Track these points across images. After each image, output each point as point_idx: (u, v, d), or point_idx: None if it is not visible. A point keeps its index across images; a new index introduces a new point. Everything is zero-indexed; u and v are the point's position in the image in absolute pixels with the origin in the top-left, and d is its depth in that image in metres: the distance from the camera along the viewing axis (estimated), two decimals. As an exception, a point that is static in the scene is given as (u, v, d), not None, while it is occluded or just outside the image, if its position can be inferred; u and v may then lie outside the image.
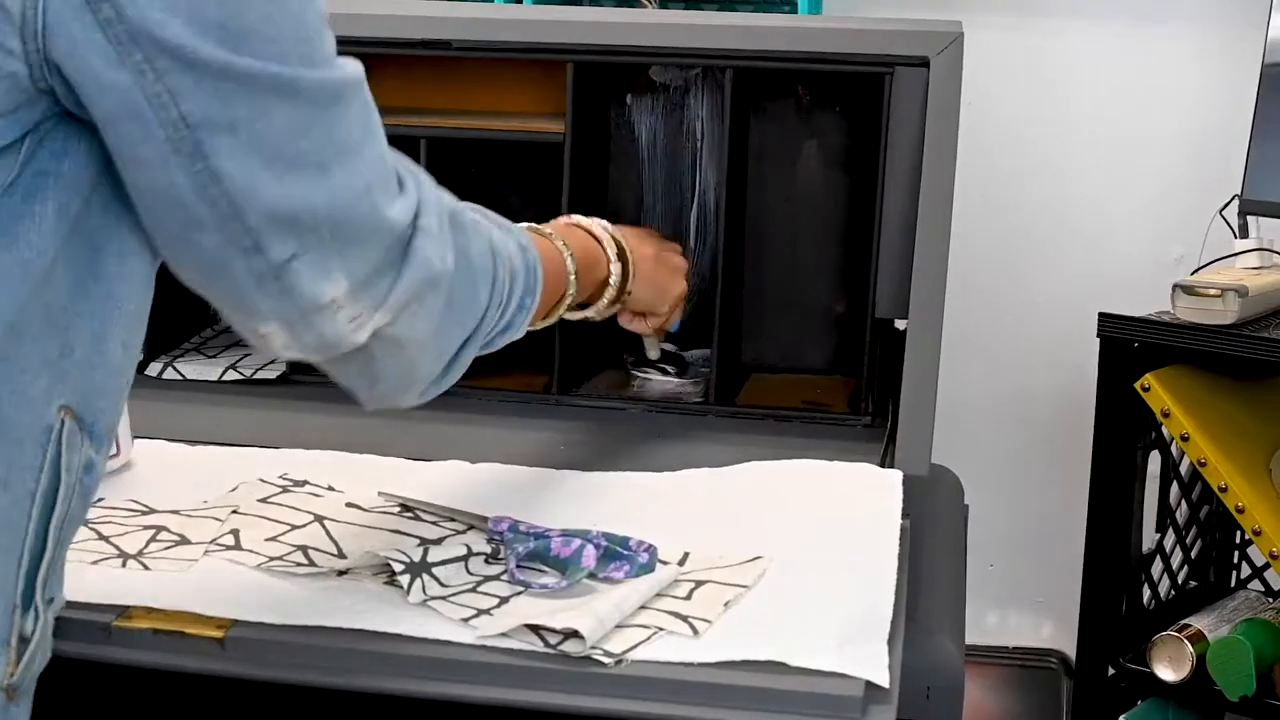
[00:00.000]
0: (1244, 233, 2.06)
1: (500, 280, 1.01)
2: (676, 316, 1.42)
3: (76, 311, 0.84)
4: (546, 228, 1.21)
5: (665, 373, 1.55)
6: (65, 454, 0.85)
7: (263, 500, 1.20)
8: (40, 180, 0.81)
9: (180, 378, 1.51)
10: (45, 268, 0.82)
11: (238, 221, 0.82)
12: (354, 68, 0.87)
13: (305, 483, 1.24)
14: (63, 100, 0.81)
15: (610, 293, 1.29)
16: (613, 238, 1.28)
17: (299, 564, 1.08)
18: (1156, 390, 1.91)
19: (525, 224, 1.15)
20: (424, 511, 1.18)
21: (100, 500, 1.18)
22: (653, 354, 1.53)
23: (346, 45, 1.55)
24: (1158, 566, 2.08)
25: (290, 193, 0.83)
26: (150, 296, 0.90)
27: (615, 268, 1.28)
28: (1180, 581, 2.12)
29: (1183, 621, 1.97)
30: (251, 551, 1.10)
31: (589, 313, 1.30)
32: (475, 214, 1.02)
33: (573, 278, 1.20)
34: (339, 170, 0.84)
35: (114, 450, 1.22)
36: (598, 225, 1.28)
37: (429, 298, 0.92)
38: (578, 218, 1.28)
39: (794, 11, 2.27)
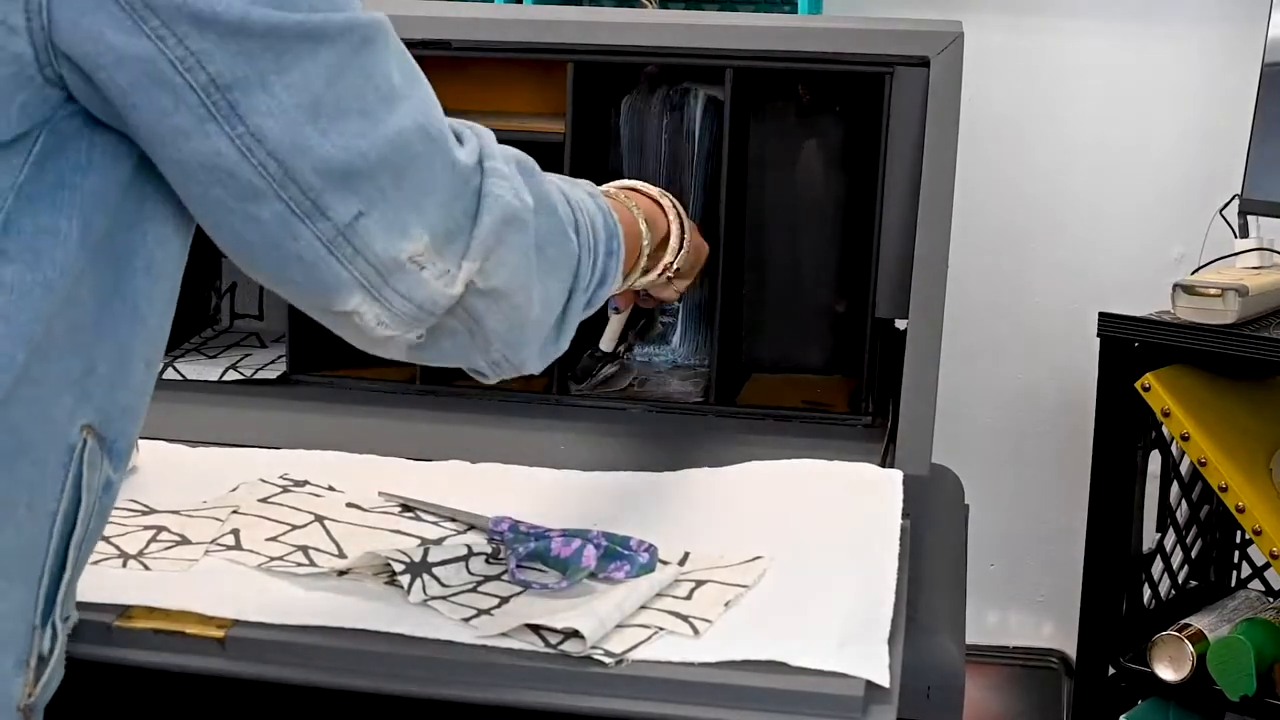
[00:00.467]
0: (1244, 232, 2.06)
1: (583, 225, 0.99)
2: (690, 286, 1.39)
3: (101, 330, 0.82)
4: (608, 185, 1.19)
5: (667, 340, 1.55)
6: (86, 473, 0.83)
7: (263, 500, 1.20)
8: (62, 194, 0.79)
9: (180, 378, 1.51)
10: (69, 287, 0.80)
11: (292, 184, 0.79)
12: (378, 14, 0.84)
13: (305, 483, 1.24)
14: (76, 94, 0.78)
15: (668, 256, 1.24)
16: (669, 197, 1.25)
17: (299, 564, 1.08)
18: (1156, 390, 1.91)
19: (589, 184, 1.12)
20: (424, 511, 1.18)
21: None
22: (606, 346, 1.49)
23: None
24: (1158, 566, 2.08)
25: (339, 144, 0.80)
26: (172, 313, 0.88)
27: (675, 228, 1.24)
28: (1180, 581, 2.12)
29: (1183, 621, 1.97)
30: (252, 551, 1.10)
31: (650, 278, 1.24)
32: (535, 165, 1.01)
33: (645, 230, 1.17)
34: (385, 114, 0.82)
35: None
36: (653, 189, 1.25)
37: (514, 238, 0.89)
38: (630, 180, 1.25)
39: (794, 11, 2.27)
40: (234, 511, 1.17)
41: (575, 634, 0.94)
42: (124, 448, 0.86)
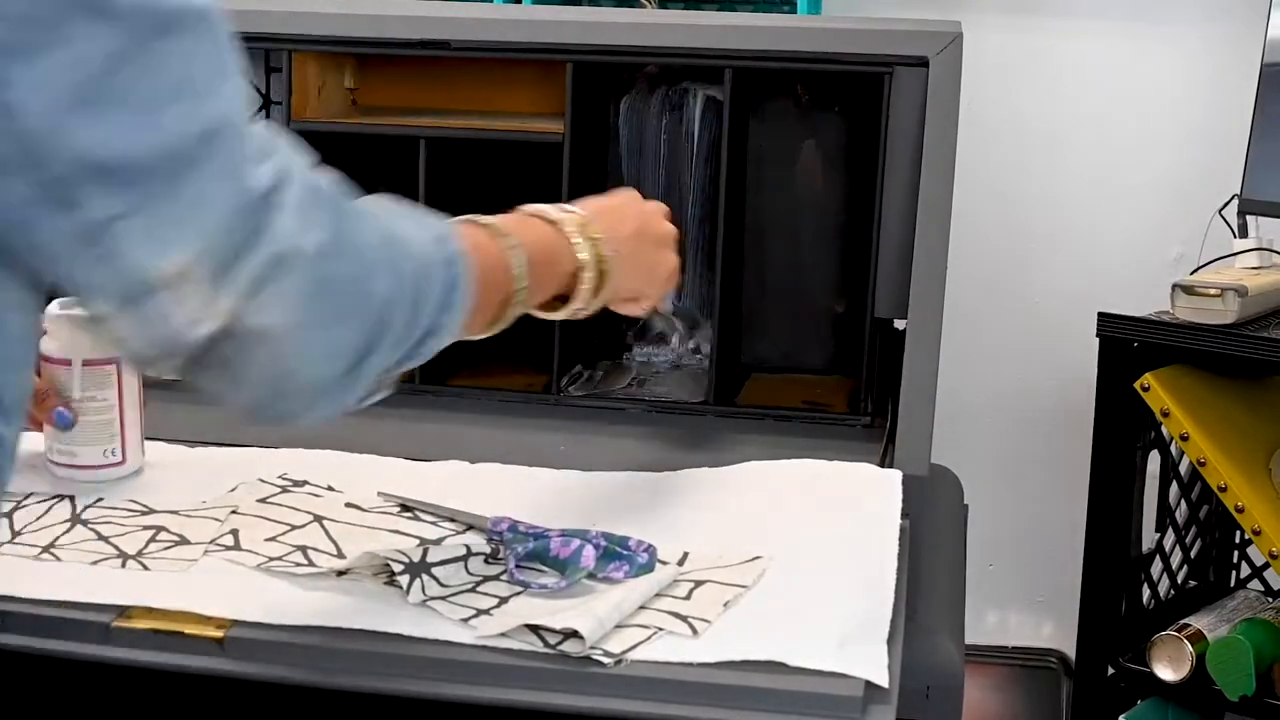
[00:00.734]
0: (1243, 232, 2.06)
1: (405, 274, 0.86)
2: (669, 291, 1.24)
3: None
4: (493, 219, 1.03)
5: (666, 339, 1.54)
6: None
7: (262, 500, 1.20)
8: None
9: (180, 377, 1.50)
10: None
11: (44, 169, 0.71)
12: (205, 1, 0.76)
13: (305, 483, 1.24)
14: None
15: (585, 286, 1.09)
16: (580, 222, 1.08)
17: (299, 564, 1.08)
18: (1156, 390, 1.91)
19: (467, 216, 1.02)
20: (424, 511, 1.18)
21: (100, 500, 1.18)
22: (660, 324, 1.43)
23: (346, 45, 1.56)
24: (1157, 566, 2.08)
25: (108, 135, 0.71)
26: None
27: (584, 256, 1.08)
28: (1180, 581, 2.12)
29: (1182, 621, 1.97)
30: (251, 551, 1.10)
31: (573, 306, 1.10)
32: (382, 203, 0.90)
33: (520, 273, 1.01)
34: (172, 112, 0.73)
35: (119, 457, 1.23)
36: (555, 210, 1.08)
37: (285, 280, 0.78)
38: (536, 206, 1.09)
39: (794, 11, 2.27)
40: (233, 511, 1.17)
41: (574, 634, 0.94)
42: (11, 401, 0.79)
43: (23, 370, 0.82)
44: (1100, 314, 1.96)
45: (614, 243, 1.10)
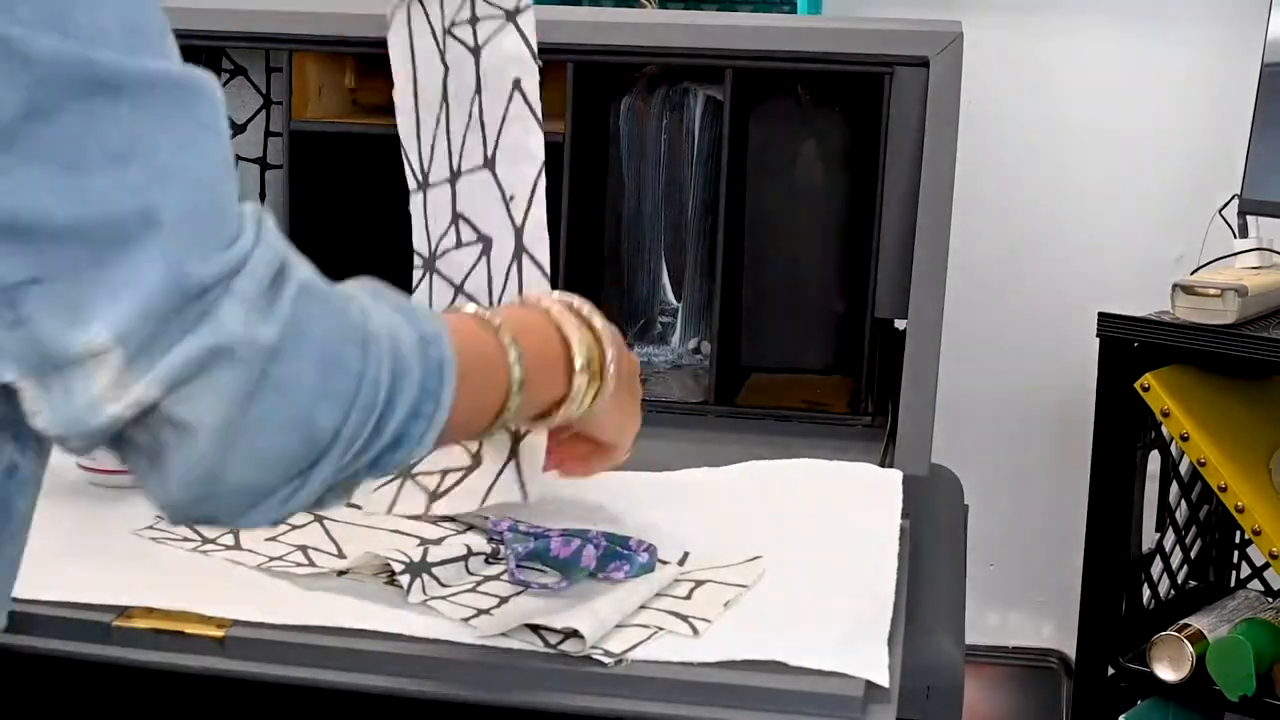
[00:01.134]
0: (1244, 232, 2.06)
1: (371, 378, 0.75)
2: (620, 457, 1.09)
3: None
4: (496, 317, 0.90)
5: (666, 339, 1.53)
6: None
7: (263, 500, 1.19)
8: None
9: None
10: None
11: None
12: (189, 72, 0.70)
13: (305, 483, 1.24)
14: None
15: (567, 410, 0.97)
16: (587, 342, 0.96)
17: (299, 564, 1.08)
18: (1156, 390, 1.91)
19: (471, 309, 0.91)
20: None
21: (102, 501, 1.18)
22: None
23: (346, 46, 1.55)
24: (1157, 566, 2.08)
25: (18, 189, 0.65)
26: None
27: (580, 381, 0.96)
28: (1180, 581, 2.12)
29: (1183, 621, 1.97)
30: (251, 551, 1.10)
31: (558, 419, 0.98)
32: (359, 293, 0.80)
33: (515, 387, 0.89)
34: (103, 180, 0.66)
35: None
36: (571, 322, 0.96)
37: (221, 374, 0.69)
38: (549, 302, 0.97)
39: (794, 11, 2.27)
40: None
41: (575, 634, 0.94)
42: (30, 429, 0.72)
43: None
44: (1100, 314, 1.96)
45: (615, 375, 1.00)
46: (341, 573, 1.06)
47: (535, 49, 1.28)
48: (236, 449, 0.71)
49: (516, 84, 1.28)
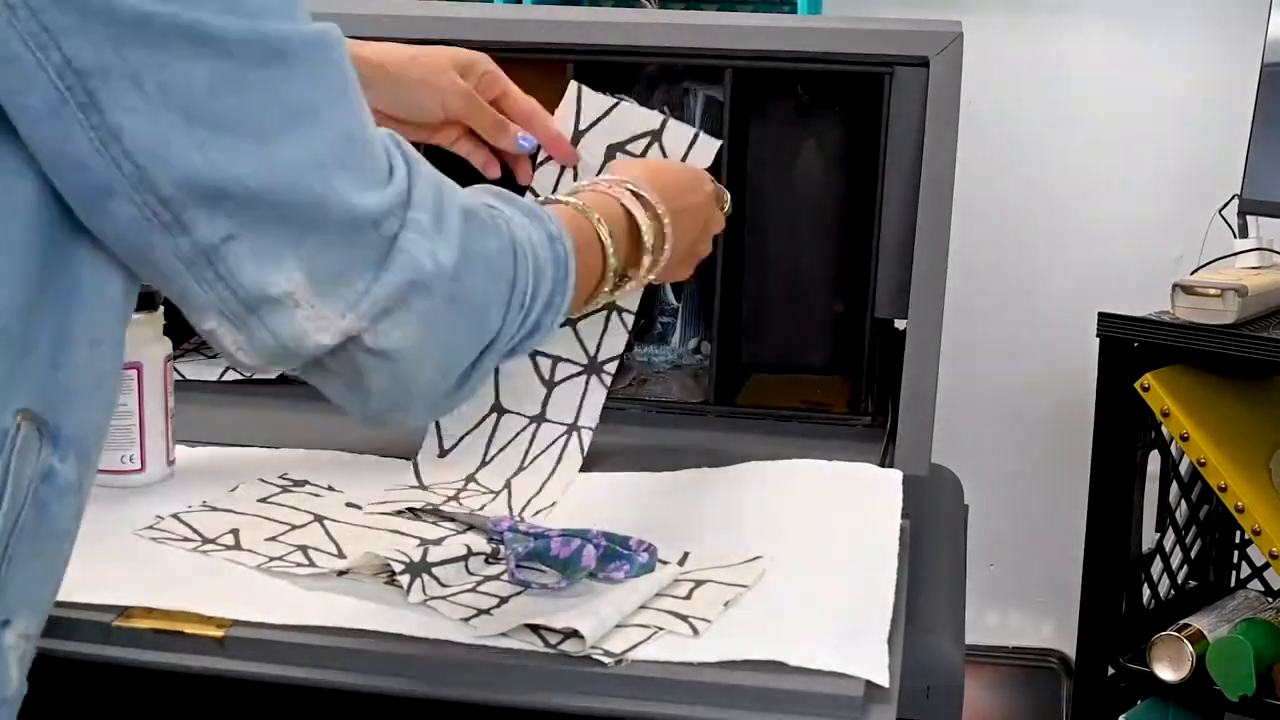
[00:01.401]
0: (1243, 232, 2.06)
1: (522, 281, 0.88)
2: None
3: (39, 308, 0.75)
4: (579, 198, 1.05)
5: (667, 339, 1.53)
6: (16, 462, 0.76)
7: (263, 500, 1.20)
8: None
9: (180, 378, 1.50)
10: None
11: (149, 191, 0.72)
12: (321, 26, 0.76)
13: (305, 483, 1.24)
14: None
15: (645, 265, 1.11)
16: (642, 201, 1.10)
17: (299, 564, 1.08)
18: (1156, 390, 1.91)
19: (557, 196, 1.05)
20: (424, 511, 1.18)
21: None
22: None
23: (346, 45, 1.54)
24: (1157, 566, 2.08)
25: (213, 161, 0.72)
26: (120, 292, 0.80)
27: (649, 237, 1.10)
28: (1180, 581, 2.12)
29: (1182, 621, 1.97)
30: (251, 551, 1.10)
31: (629, 286, 1.12)
32: (495, 203, 0.90)
33: (612, 259, 1.04)
34: (283, 140, 0.74)
35: (137, 464, 1.22)
36: (628, 194, 1.10)
37: (418, 303, 0.80)
38: (604, 183, 1.11)
39: (794, 11, 2.27)
40: (233, 511, 1.17)
41: (575, 634, 0.94)
42: (71, 435, 0.78)
43: (90, 405, 0.80)
44: (1100, 314, 1.96)
45: (672, 218, 1.13)
46: (341, 573, 1.06)
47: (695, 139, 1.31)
48: (428, 365, 0.82)
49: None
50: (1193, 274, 2.00)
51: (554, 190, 1.28)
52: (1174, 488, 2.08)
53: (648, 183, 1.12)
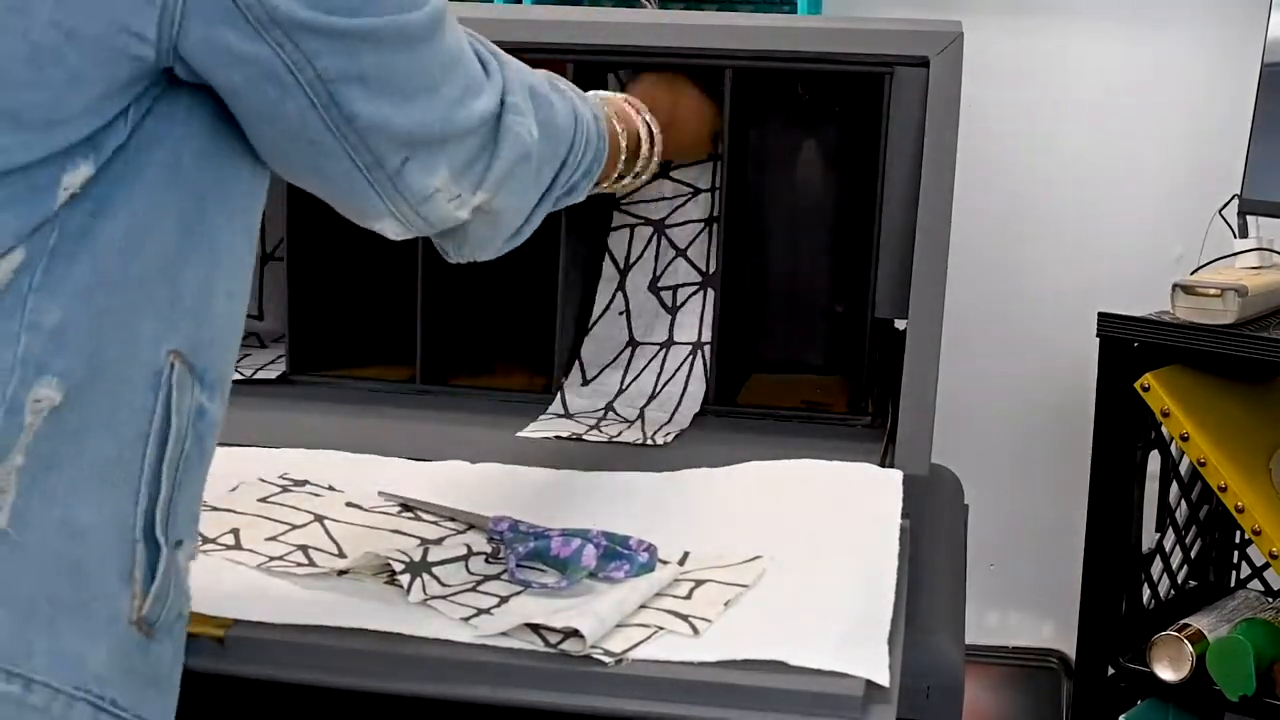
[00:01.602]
0: (1244, 232, 2.06)
1: (577, 144, 1.11)
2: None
3: (183, 261, 0.87)
4: (610, 106, 1.27)
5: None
6: (176, 396, 0.88)
7: (263, 500, 1.20)
8: (145, 144, 0.85)
9: None
10: (149, 224, 0.85)
11: (365, 149, 0.91)
12: (437, 5, 0.94)
13: (305, 483, 1.24)
14: (179, 74, 0.85)
15: (638, 166, 1.34)
16: (650, 128, 1.34)
17: (299, 564, 1.08)
18: (1156, 390, 1.91)
19: (596, 96, 1.25)
20: (424, 511, 1.18)
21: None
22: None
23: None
24: (1157, 566, 2.08)
25: (411, 117, 0.92)
26: (254, 249, 0.94)
27: (646, 148, 1.34)
28: (1180, 581, 2.12)
29: (1182, 621, 1.97)
30: (251, 551, 1.10)
31: (627, 180, 1.35)
32: (554, 80, 1.12)
33: (623, 157, 1.28)
34: (445, 86, 0.94)
35: None
36: (640, 119, 1.33)
37: (521, 170, 1.02)
38: (622, 100, 1.33)
39: (794, 11, 2.27)
40: (233, 511, 1.17)
41: (575, 633, 0.94)
42: (215, 378, 0.91)
43: (227, 351, 0.93)
44: (1100, 314, 1.96)
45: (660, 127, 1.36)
46: (341, 573, 1.06)
47: None
48: (517, 215, 1.06)
49: None
50: (1193, 274, 2.00)
51: None
52: (1174, 488, 2.08)
53: (636, 93, 1.37)
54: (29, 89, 0.80)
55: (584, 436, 1.37)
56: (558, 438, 1.37)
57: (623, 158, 1.28)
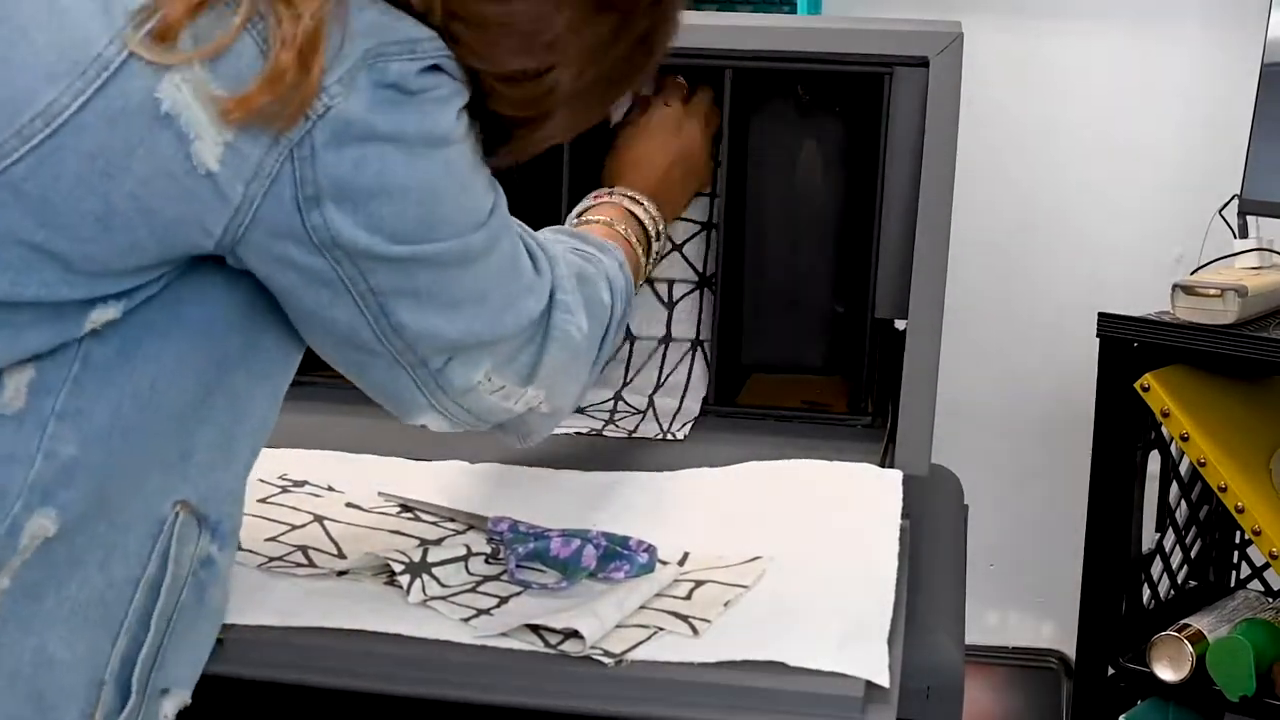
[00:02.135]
0: (1244, 233, 2.06)
1: (616, 314, 1.12)
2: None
3: (200, 418, 0.88)
4: (603, 214, 1.27)
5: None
6: (175, 547, 0.87)
7: (262, 500, 1.20)
8: (179, 298, 0.86)
9: None
10: (172, 376, 0.86)
11: (411, 353, 0.93)
12: (498, 195, 0.94)
13: (305, 483, 1.24)
14: (229, 263, 0.86)
15: (655, 247, 1.33)
16: (636, 202, 1.32)
17: (299, 564, 1.08)
18: (1156, 390, 1.91)
19: (587, 218, 1.26)
20: (424, 511, 1.18)
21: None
22: None
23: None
24: (1157, 566, 2.08)
25: (457, 326, 0.93)
26: (277, 410, 0.94)
27: (652, 226, 1.32)
28: (1180, 581, 2.12)
29: (1182, 621, 1.97)
30: (251, 551, 1.10)
31: (651, 267, 1.34)
32: (585, 248, 1.13)
33: (643, 258, 1.29)
34: (495, 295, 0.94)
35: None
36: (626, 199, 1.31)
37: (573, 366, 1.03)
38: (622, 198, 1.31)
39: (794, 11, 2.27)
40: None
41: (575, 634, 0.94)
42: (229, 529, 0.91)
43: (241, 504, 0.93)
44: (1100, 314, 1.96)
45: (661, 198, 1.35)
46: (341, 573, 1.06)
47: None
48: (573, 405, 1.10)
49: None
50: (1193, 274, 2.00)
51: None
52: (1174, 488, 2.08)
53: (634, 183, 1.34)
54: (91, 243, 0.81)
55: (603, 432, 1.38)
56: (576, 434, 1.38)
57: (641, 260, 1.28)
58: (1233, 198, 2.06)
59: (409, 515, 1.18)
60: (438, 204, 0.88)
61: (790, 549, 1.11)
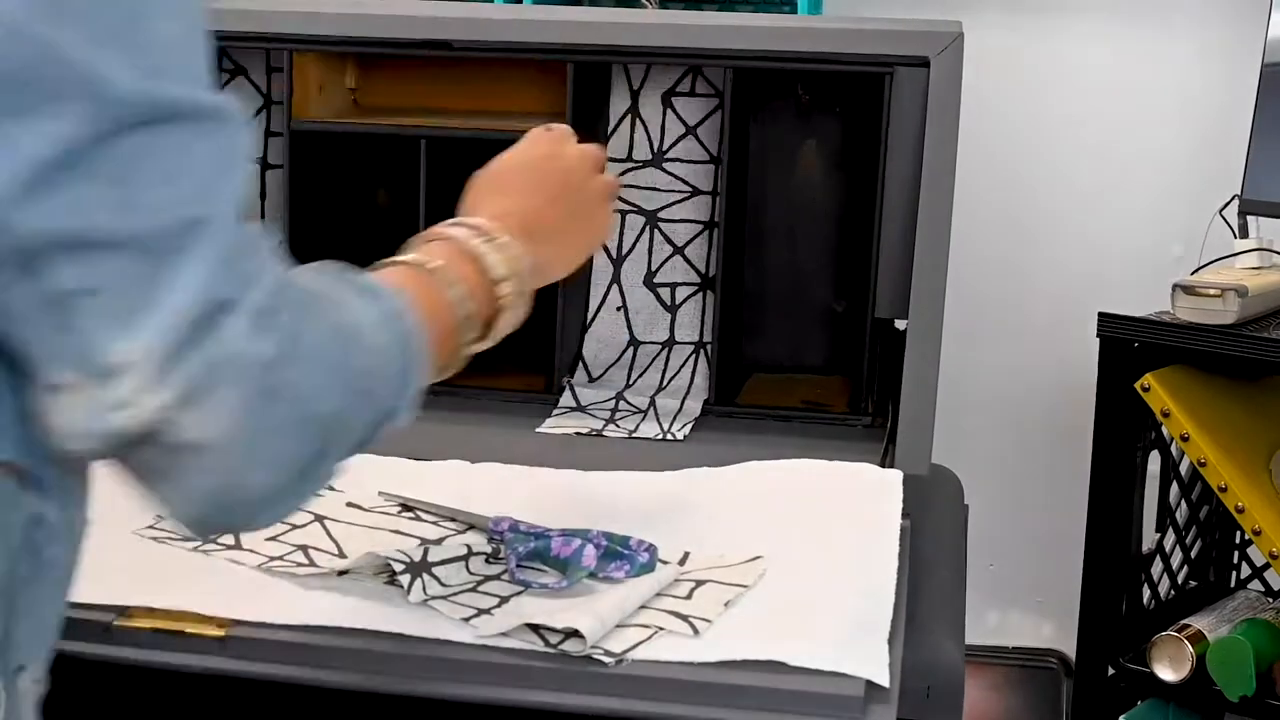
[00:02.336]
0: (1244, 233, 2.06)
1: (358, 371, 0.80)
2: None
3: None
4: (416, 254, 0.95)
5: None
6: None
7: (263, 500, 1.19)
8: None
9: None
10: None
11: (8, 233, 0.68)
12: (223, 102, 0.74)
13: (305, 482, 1.24)
14: None
15: (509, 303, 0.98)
16: (489, 238, 0.98)
17: (299, 564, 1.08)
18: (1156, 390, 1.91)
19: (388, 262, 0.94)
20: (424, 511, 1.18)
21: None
22: None
23: (347, 45, 1.55)
24: (1158, 566, 2.08)
25: (78, 208, 0.69)
26: None
27: (506, 284, 0.98)
28: (1180, 581, 2.12)
29: (1183, 621, 1.97)
30: (251, 551, 1.10)
31: (501, 327, 0.99)
32: (327, 281, 0.83)
33: (467, 305, 0.94)
34: (156, 197, 0.71)
35: None
36: (462, 230, 0.99)
37: (225, 390, 0.72)
38: (436, 230, 0.99)
39: (794, 11, 2.27)
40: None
41: (575, 633, 0.94)
42: (54, 478, 0.77)
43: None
44: (1100, 314, 1.96)
45: (530, 231, 1.02)
46: (341, 573, 1.06)
47: None
48: (250, 459, 0.75)
49: None
50: (1193, 274, 2.00)
51: None
52: (1174, 488, 2.08)
53: (488, 204, 1.03)
54: None
55: (603, 432, 1.40)
56: (577, 434, 1.39)
57: (464, 315, 0.94)
58: (1233, 198, 2.06)
59: (409, 515, 1.18)
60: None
61: (790, 549, 1.11)
